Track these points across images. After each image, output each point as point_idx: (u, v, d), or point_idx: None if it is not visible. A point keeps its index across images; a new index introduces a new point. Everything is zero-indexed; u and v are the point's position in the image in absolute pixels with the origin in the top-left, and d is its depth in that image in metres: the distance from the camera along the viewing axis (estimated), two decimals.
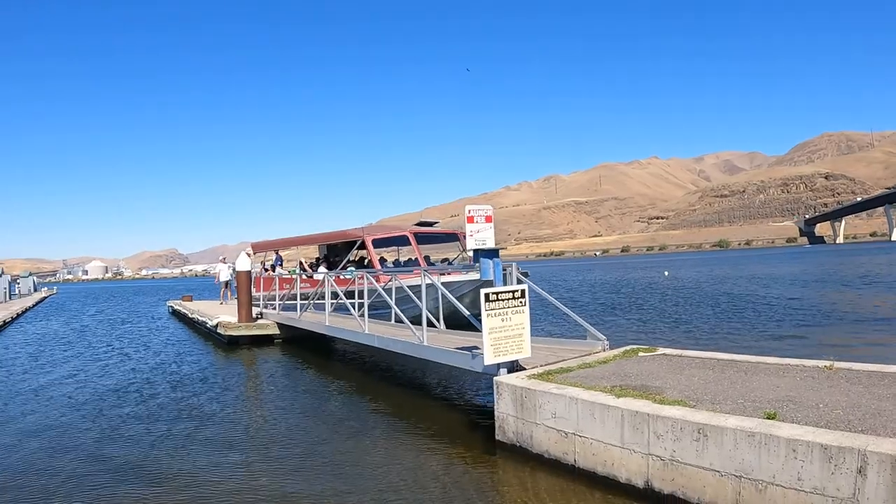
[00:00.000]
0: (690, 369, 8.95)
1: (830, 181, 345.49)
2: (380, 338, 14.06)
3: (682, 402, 7.02)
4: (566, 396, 7.71)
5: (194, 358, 20.10)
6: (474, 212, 10.29)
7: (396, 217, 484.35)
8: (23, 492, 8.29)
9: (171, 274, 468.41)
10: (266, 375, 16.76)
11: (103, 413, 12.77)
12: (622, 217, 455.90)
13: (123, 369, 18.61)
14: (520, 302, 9.21)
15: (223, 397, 13.89)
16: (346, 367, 17.78)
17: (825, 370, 8.38)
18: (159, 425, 11.59)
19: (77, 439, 10.74)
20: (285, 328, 21.65)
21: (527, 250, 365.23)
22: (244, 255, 24.31)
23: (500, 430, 8.89)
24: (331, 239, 27.13)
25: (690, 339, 18.60)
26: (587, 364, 9.64)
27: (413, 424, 10.77)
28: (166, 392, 14.82)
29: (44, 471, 9.09)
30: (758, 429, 5.89)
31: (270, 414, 12.20)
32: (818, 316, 22.69)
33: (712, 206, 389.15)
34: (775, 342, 17.34)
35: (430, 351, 11.78)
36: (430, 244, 27.22)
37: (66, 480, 8.63)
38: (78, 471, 9.01)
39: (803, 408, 6.58)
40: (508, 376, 9.03)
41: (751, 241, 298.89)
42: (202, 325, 26.61)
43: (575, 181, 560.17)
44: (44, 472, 9.01)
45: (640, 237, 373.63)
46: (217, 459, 9.32)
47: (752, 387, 7.68)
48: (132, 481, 8.52)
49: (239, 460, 9.23)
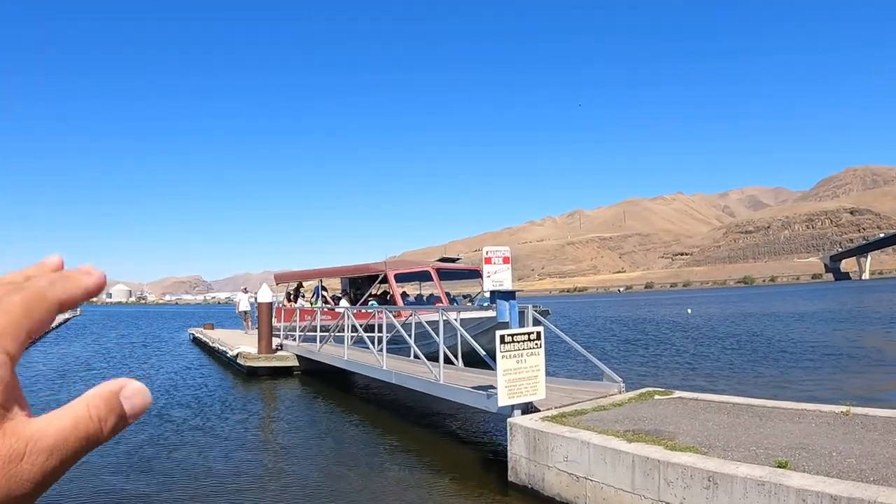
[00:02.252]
0: (705, 413, 8.94)
1: (856, 216, 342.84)
2: (397, 374, 14.15)
3: (694, 448, 7.02)
4: (578, 440, 7.74)
5: (213, 387, 20.23)
6: (492, 253, 10.38)
7: (419, 251, 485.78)
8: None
9: (195, 300, 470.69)
10: (284, 407, 16.87)
11: (122, 439, 12.91)
12: (646, 253, 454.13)
13: None
14: (535, 344, 9.28)
15: (240, 428, 14.01)
16: (363, 402, 17.80)
17: (841, 416, 8.34)
18: (176, 453, 11.74)
19: (93, 465, 10.84)
20: (305, 360, 21.70)
21: (550, 286, 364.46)
22: (265, 286, 24.48)
23: (512, 471, 8.91)
24: (354, 272, 27.22)
25: (709, 379, 18.47)
26: (602, 406, 9.65)
27: (427, 461, 10.80)
28: (184, 420, 15.00)
29: (61, 495, 9.20)
30: (768, 478, 5.89)
31: (285, 446, 12.29)
32: (839, 356, 22.43)
33: (737, 243, 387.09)
34: (794, 384, 17.18)
35: (446, 389, 11.85)
36: (452, 280, 27.28)
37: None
38: (92, 496, 9.12)
39: (816, 456, 6.57)
40: (522, 418, 9.07)
41: (775, 277, 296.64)
42: (222, 355, 26.74)
43: (599, 216, 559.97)
44: (61, 497, 9.12)
45: (664, 273, 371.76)
46: (231, 489, 9.41)
47: (766, 433, 7.67)
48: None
49: (253, 491, 9.30)
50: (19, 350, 0.65)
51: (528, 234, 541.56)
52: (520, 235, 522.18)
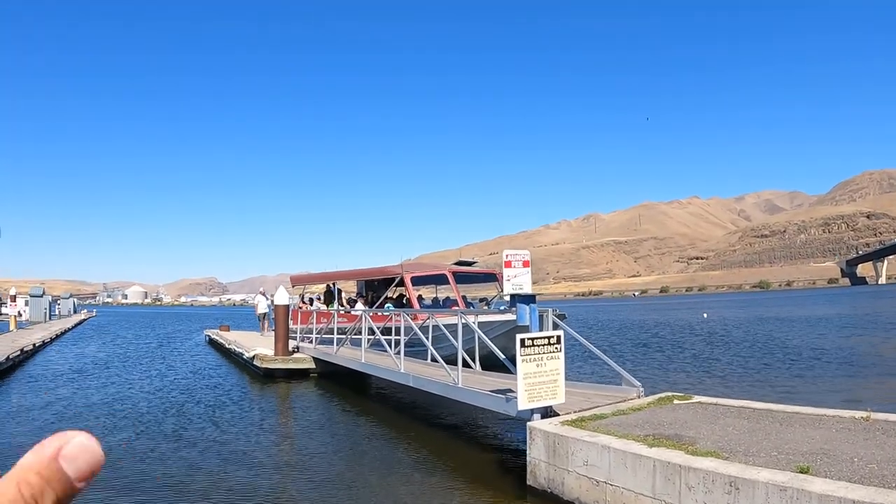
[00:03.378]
0: (725, 418, 8.92)
1: (872, 220, 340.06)
2: (415, 377, 14.17)
3: (716, 453, 7.01)
4: (598, 444, 7.75)
5: (230, 389, 20.33)
6: (511, 256, 10.39)
7: (435, 253, 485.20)
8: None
9: (210, 302, 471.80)
10: (300, 410, 16.91)
11: (139, 437, 13.06)
12: (661, 257, 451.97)
13: (159, 396, 18.96)
14: (555, 348, 9.29)
15: (257, 429, 14.08)
16: (380, 404, 17.85)
17: (862, 421, 8.32)
18: (192, 453, 11.85)
19: (112, 464, 10.93)
20: (321, 363, 21.76)
21: (565, 290, 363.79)
22: (282, 288, 24.56)
23: (531, 476, 8.92)
24: (370, 275, 27.25)
25: (726, 384, 18.40)
26: (621, 411, 9.65)
27: (445, 465, 10.82)
28: (201, 421, 15.14)
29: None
30: (790, 483, 5.88)
31: (302, 448, 12.36)
32: (857, 362, 22.30)
33: (752, 247, 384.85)
34: (812, 389, 17.10)
35: (465, 393, 11.87)
36: (468, 283, 27.28)
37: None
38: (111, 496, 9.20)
39: (838, 461, 6.54)
40: (542, 422, 9.08)
41: (791, 281, 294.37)
42: (238, 356, 26.86)
43: (614, 220, 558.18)
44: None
45: (679, 277, 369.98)
46: (247, 491, 9.45)
47: (787, 438, 7.64)
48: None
49: (270, 493, 9.35)
50: None
51: (544, 237, 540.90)
52: (535, 239, 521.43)
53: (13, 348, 28.72)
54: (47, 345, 38.76)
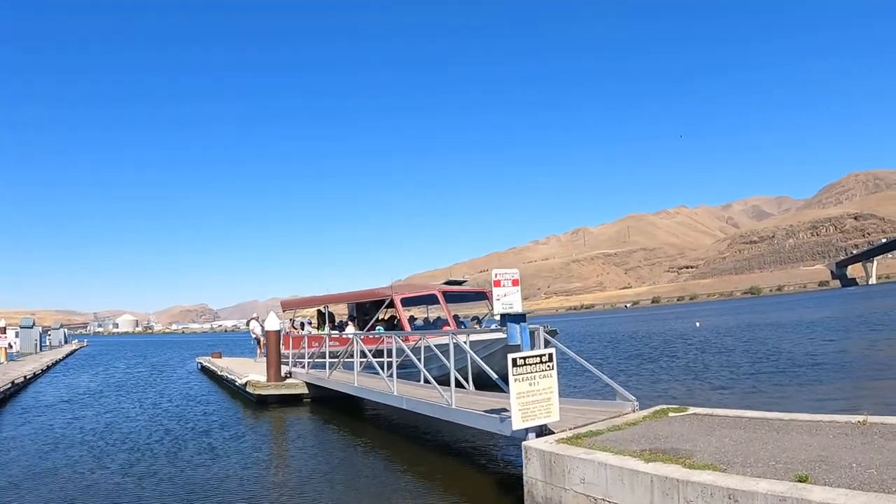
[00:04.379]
0: (721, 429, 8.86)
1: (860, 221, 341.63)
2: (408, 400, 14.07)
3: (713, 465, 6.95)
4: (595, 461, 7.67)
5: (223, 417, 20.18)
6: (501, 275, 10.33)
7: (425, 273, 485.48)
8: None
9: (202, 329, 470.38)
10: (294, 437, 16.78)
11: (132, 469, 12.95)
12: (651, 268, 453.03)
13: (152, 424, 18.91)
14: (547, 366, 9.23)
15: (252, 457, 13.98)
16: (374, 428, 17.71)
17: (858, 426, 8.27)
18: (187, 482, 11.76)
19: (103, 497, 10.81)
20: (314, 388, 21.61)
21: (556, 304, 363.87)
22: (272, 314, 24.48)
23: (528, 495, 8.82)
24: (360, 297, 27.21)
25: (721, 393, 18.36)
26: (616, 426, 9.57)
27: (441, 487, 10.70)
28: (196, 448, 15.08)
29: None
30: (789, 493, 5.82)
31: (297, 474, 12.23)
32: (850, 365, 22.33)
33: (742, 253, 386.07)
34: (807, 395, 17.08)
35: (459, 414, 11.78)
36: (459, 302, 27.25)
37: None
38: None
39: (836, 468, 6.49)
40: (537, 441, 9.00)
41: (782, 286, 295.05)
42: (231, 383, 26.70)
43: (603, 233, 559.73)
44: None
45: (670, 287, 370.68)
46: None
47: (784, 447, 7.59)
48: None
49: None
50: None
51: (533, 253, 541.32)
52: (524, 255, 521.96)
53: (4, 381, 28.58)
54: (39, 377, 38.60)
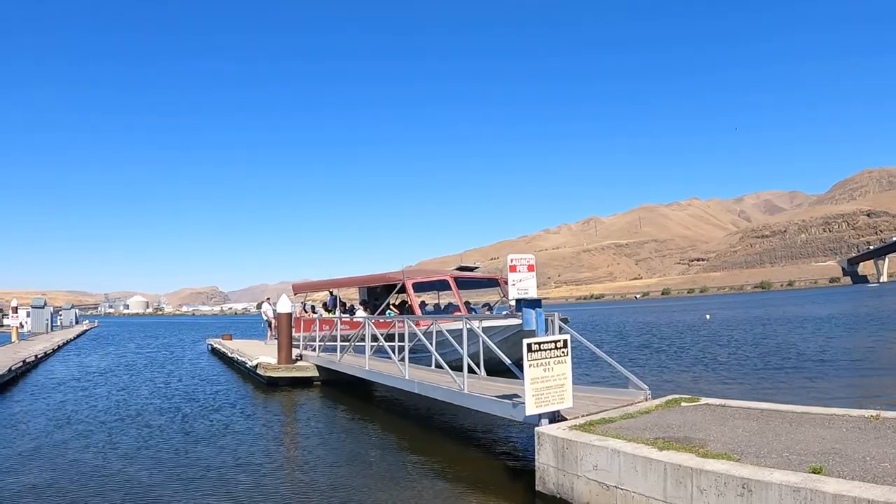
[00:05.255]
0: (734, 420, 8.87)
1: (873, 218, 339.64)
2: (420, 384, 14.09)
3: (727, 455, 6.95)
4: (608, 449, 7.69)
5: (233, 398, 20.25)
6: (517, 261, 10.34)
7: (436, 259, 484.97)
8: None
9: (211, 311, 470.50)
10: (304, 418, 16.82)
11: (142, 449, 12.99)
12: (662, 259, 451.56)
13: (163, 405, 18.96)
14: (562, 352, 9.24)
15: (261, 439, 14.01)
16: (385, 412, 17.75)
17: (871, 420, 8.27)
18: (196, 462, 11.82)
19: (113, 477, 10.90)
20: (325, 371, 21.67)
21: (566, 293, 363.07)
22: (285, 296, 24.51)
23: (540, 481, 8.86)
24: (371, 282, 27.19)
25: (732, 385, 18.34)
26: (629, 414, 9.59)
27: (452, 471, 10.70)
28: (207, 429, 15.11)
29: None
30: (803, 484, 5.83)
31: (307, 458, 12.25)
32: (862, 360, 22.27)
33: (753, 247, 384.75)
34: (819, 389, 17.03)
35: (471, 399, 11.79)
36: (470, 289, 27.21)
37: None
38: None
39: (850, 461, 6.50)
40: (550, 427, 9.02)
41: (793, 281, 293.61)
42: (241, 365, 26.77)
43: (614, 223, 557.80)
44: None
45: (680, 279, 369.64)
46: (253, 500, 9.39)
47: (797, 438, 7.60)
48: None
49: (274, 502, 9.28)
50: None
51: (544, 241, 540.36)
52: (535, 243, 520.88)
53: (15, 360, 28.72)
54: (49, 356, 38.75)
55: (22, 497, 9.92)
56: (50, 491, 10.22)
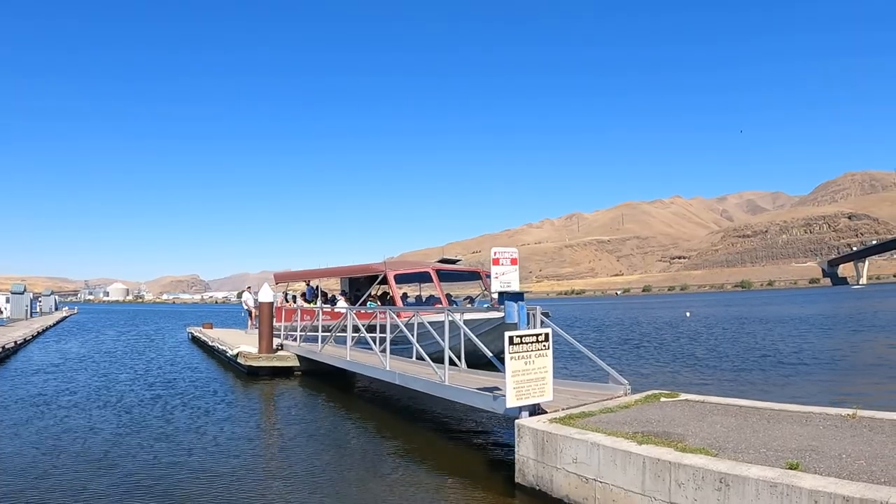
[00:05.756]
0: (713, 416, 8.94)
1: (854, 221, 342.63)
2: (401, 375, 14.08)
3: (705, 450, 7.01)
4: (588, 442, 7.73)
5: (214, 386, 20.18)
6: (500, 254, 10.36)
7: (418, 251, 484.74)
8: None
9: (192, 299, 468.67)
10: (284, 408, 16.80)
11: (119, 439, 12.88)
12: (644, 256, 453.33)
13: (142, 393, 18.86)
14: (543, 346, 9.28)
15: (240, 427, 13.97)
16: (365, 403, 17.76)
17: (848, 419, 8.36)
18: (174, 452, 11.73)
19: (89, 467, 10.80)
20: (306, 361, 21.63)
21: (547, 288, 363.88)
22: (266, 285, 24.42)
23: (519, 473, 8.89)
24: (353, 272, 27.14)
25: (710, 381, 18.47)
26: (609, 409, 9.64)
27: (431, 463, 10.71)
28: (185, 418, 15.05)
29: (55, 495, 9.20)
30: (780, 479, 5.89)
31: (285, 448, 12.19)
32: (839, 361, 22.46)
33: (734, 247, 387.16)
34: (796, 387, 17.19)
35: (452, 391, 11.82)
36: (452, 281, 27.22)
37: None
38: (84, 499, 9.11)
39: (826, 458, 6.58)
40: (530, 419, 9.05)
41: (773, 281, 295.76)
42: (222, 354, 26.69)
43: (597, 220, 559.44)
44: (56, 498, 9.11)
45: (661, 277, 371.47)
46: (230, 489, 9.37)
47: (775, 435, 7.67)
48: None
49: (253, 493, 9.24)
50: None
51: (527, 236, 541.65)
52: (518, 238, 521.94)
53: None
54: (29, 342, 38.52)
55: (1, 481, 9.87)
56: (31, 475, 10.17)
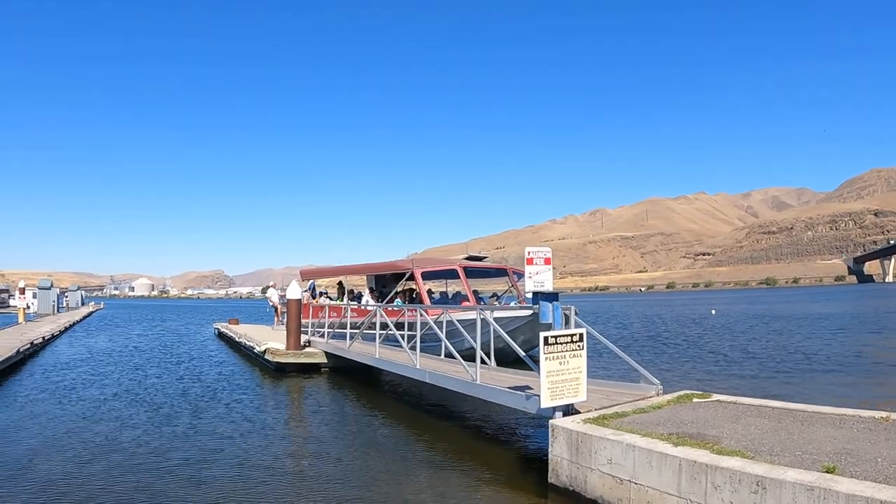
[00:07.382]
0: (746, 417, 8.92)
1: (880, 218, 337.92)
2: (431, 373, 14.11)
3: (741, 452, 7.02)
4: (623, 443, 7.76)
5: (241, 383, 20.35)
6: (534, 253, 10.41)
7: (442, 248, 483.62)
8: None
9: (217, 295, 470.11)
10: (313, 405, 16.89)
11: (150, 434, 13.06)
12: (668, 253, 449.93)
13: (171, 389, 19.09)
14: (578, 346, 9.32)
15: (269, 426, 14.06)
16: (393, 400, 17.81)
17: (882, 422, 8.32)
18: (205, 448, 11.89)
19: (122, 461, 10.97)
20: (333, 357, 21.75)
21: (571, 284, 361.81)
22: (294, 282, 24.53)
23: (553, 473, 8.93)
24: (379, 269, 27.22)
25: (741, 381, 18.31)
26: (641, 409, 9.66)
27: (463, 463, 10.72)
28: (215, 414, 15.22)
29: (88, 488, 9.35)
30: (817, 483, 5.88)
31: (315, 447, 12.24)
32: (866, 360, 22.27)
33: (759, 243, 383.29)
34: (825, 387, 17.07)
35: (483, 389, 11.84)
36: (478, 278, 27.24)
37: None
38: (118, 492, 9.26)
39: (861, 461, 6.56)
40: (564, 420, 9.08)
41: (798, 279, 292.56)
42: (249, 350, 26.89)
43: (621, 216, 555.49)
44: (89, 490, 9.26)
45: (685, 273, 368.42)
46: (260, 487, 9.48)
47: (810, 438, 7.65)
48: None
49: (281, 492, 9.32)
50: None
51: (550, 232, 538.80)
52: (542, 233, 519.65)
53: (23, 341, 28.83)
54: (56, 337, 38.85)
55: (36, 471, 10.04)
56: (63, 468, 10.35)
